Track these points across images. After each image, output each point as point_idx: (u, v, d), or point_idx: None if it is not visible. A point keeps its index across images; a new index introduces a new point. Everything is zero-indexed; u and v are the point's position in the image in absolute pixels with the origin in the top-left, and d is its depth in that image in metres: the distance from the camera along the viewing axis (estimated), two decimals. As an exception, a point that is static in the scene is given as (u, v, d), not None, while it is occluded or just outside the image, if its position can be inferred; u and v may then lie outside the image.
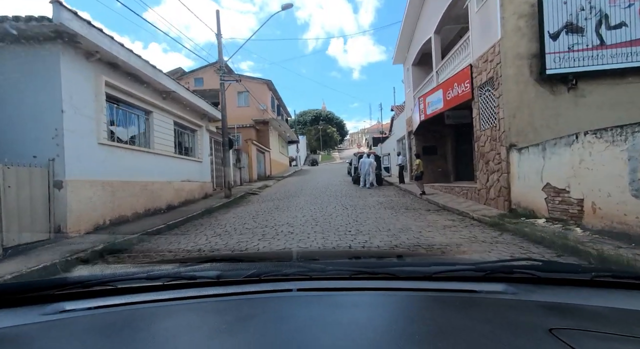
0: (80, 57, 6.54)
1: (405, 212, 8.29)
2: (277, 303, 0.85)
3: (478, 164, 8.54)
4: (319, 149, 66.56)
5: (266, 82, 28.14)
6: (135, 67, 7.82)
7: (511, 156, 6.92)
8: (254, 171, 21.63)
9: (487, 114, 7.92)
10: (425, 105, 10.98)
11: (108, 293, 0.92)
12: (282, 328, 0.71)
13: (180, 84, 10.52)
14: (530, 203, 6.28)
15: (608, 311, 0.80)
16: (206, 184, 12.84)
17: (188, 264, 1.35)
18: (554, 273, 0.99)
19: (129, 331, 0.73)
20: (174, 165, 10.27)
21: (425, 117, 11.11)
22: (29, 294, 0.89)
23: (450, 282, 0.97)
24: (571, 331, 0.67)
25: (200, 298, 0.89)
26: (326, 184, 16.76)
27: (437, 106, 10.18)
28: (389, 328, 0.72)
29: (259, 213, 8.98)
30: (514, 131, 6.96)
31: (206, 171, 13.06)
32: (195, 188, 11.81)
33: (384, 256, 1.81)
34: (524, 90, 6.89)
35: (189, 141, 12.10)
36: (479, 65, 8.02)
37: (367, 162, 15.01)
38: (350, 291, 0.92)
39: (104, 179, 7.05)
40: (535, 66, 6.84)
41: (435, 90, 10.37)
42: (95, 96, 6.92)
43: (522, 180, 6.58)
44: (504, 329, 0.71)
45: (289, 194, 13.49)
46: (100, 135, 6.97)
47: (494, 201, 7.68)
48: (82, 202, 6.36)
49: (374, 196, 11.82)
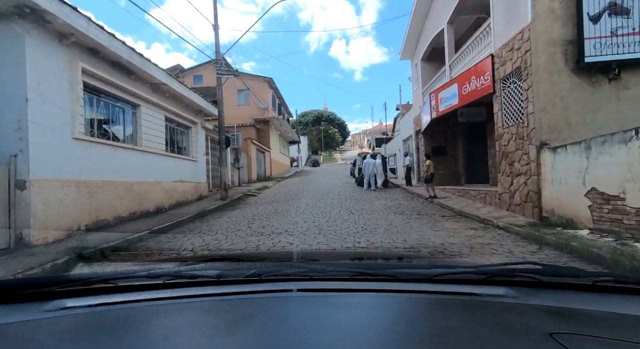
0: (52, 40, 5.72)
1: (418, 218, 7.44)
2: (277, 303, 0.85)
3: (500, 166, 7.68)
4: (320, 150, 66.02)
5: (267, 80, 27.33)
6: (118, 55, 7.00)
7: (542, 156, 6.07)
8: (254, 172, 20.80)
9: (512, 109, 7.07)
10: (437, 101, 10.14)
11: (109, 290, 0.91)
12: (281, 328, 0.71)
13: (173, 76, 9.70)
14: (568, 211, 5.42)
15: (610, 316, 0.79)
16: (201, 184, 12.01)
17: (189, 263, 1.35)
18: (555, 277, 0.99)
19: (130, 329, 0.73)
20: (164, 164, 9.45)
21: (437, 115, 10.27)
22: (30, 290, 0.89)
23: (451, 285, 0.97)
24: (572, 336, 0.67)
25: (200, 297, 0.89)
26: (329, 186, 15.91)
27: (451, 102, 9.34)
28: (389, 330, 0.71)
29: (256, 218, 8.14)
30: (545, 128, 6.11)
31: (201, 170, 12.23)
32: (189, 189, 10.98)
33: (385, 258, 1.76)
34: (558, 81, 6.04)
35: (183, 138, 11.28)
36: (503, 55, 7.17)
37: (370, 163, 14.16)
38: (351, 293, 0.91)
39: (79, 178, 6.22)
40: (571, 54, 6.00)
41: (449, 85, 9.52)
42: (70, 84, 6.09)
43: (556, 184, 5.72)
44: (505, 332, 0.70)
45: (290, 196, 12.65)
46: (76, 128, 6.14)
47: (519, 207, 6.82)
48: (51, 205, 5.53)
49: (380, 199, 10.97)
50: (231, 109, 27.36)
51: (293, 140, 37.49)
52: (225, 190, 11.95)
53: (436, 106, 10.23)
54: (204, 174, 12.48)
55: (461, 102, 8.96)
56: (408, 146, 18.37)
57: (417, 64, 14.22)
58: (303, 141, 48.82)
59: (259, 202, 11.39)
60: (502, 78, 7.27)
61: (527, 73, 6.33)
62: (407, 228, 6.26)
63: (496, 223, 6.18)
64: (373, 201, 10.71)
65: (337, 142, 71.88)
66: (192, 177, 11.30)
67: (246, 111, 26.38)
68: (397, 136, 20.50)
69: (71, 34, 5.87)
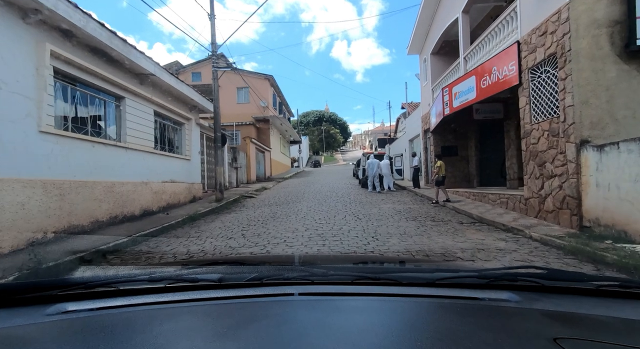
0: (11, 16, 4.90)
1: (434, 225, 6.59)
2: (278, 307, 0.84)
3: (527, 167, 6.82)
4: (321, 151, 65.36)
5: (267, 78, 26.53)
6: (97, 38, 6.17)
7: (584, 156, 5.22)
8: (253, 172, 19.97)
9: (544, 102, 6.22)
10: (451, 96, 9.29)
11: (110, 294, 0.91)
12: (283, 332, 0.70)
13: (163, 67, 8.88)
14: (619, 221, 4.57)
15: (614, 321, 0.78)
16: (195, 185, 11.18)
17: (190, 266, 1.35)
18: (559, 281, 0.98)
19: (131, 333, 0.72)
20: (153, 163, 8.63)
21: (450, 111, 9.42)
22: (31, 294, 0.89)
23: (453, 289, 0.96)
24: (576, 341, 0.67)
25: (201, 301, 0.89)
26: (331, 187, 15.07)
27: (468, 97, 8.49)
28: (391, 334, 0.71)
29: (251, 223, 7.30)
30: (586, 123, 5.26)
31: (195, 170, 11.40)
32: (181, 190, 10.16)
33: (387, 262, 1.74)
34: (602, 68, 5.20)
35: (175, 136, 10.45)
36: (532, 41, 6.32)
37: (374, 163, 13.33)
38: (353, 296, 0.91)
39: (47, 178, 5.40)
40: (618, 36, 5.15)
41: (466, 78, 8.67)
42: (36, 69, 5.27)
43: (602, 189, 4.87)
44: (508, 337, 0.69)
45: (290, 198, 11.82)
46: (43, 121, 5.31)
47: (552, 215, 5.96)
48: (8, 209, 4.70)
49: (387, 203, 10.13)
50: (231, 107, 26.61)
51: (294, 140, 36.65)
52: (220, 191, 11.13)
53: (450, 101, 9.39)
54: (198, 174, 11.65)
55: (479, 97, 8.11)
56: (413, 147, 17.53)
57: (425, 58, 13.36)
58: (304, 141, 47.99)
59: (256, 205, 10.56)
60: (532, 67, 6.42)
61: (564, 60, 5.48)
62: (425, 238, 5.41)
63: (528, 233, 5.32)
64: (380, 204, 9.87)
65: (339, 143, 71.20)
66: (185, 177, 10.48)
67: (246, 110, 25.59)
68: (403, 135, 19.62)
69: (36, 11, 5.05)
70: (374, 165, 13.38)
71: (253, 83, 23.99)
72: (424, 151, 14.03)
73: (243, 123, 24.57)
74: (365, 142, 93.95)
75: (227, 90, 26.80)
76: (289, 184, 17.98)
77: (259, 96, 24.82)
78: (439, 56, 12.66)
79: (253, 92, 24.57)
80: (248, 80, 23.27)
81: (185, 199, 10.44)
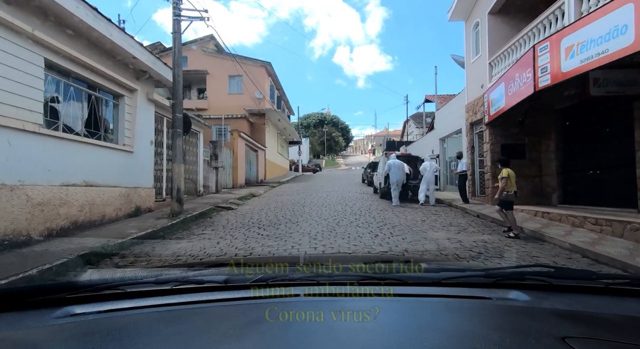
0: None
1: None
2: (284, 308, 0.81)
3: None
4: (322, 154, 62.09)
5: (265, 65, 22.85)
6: None
7: None
8: (240, 174, 16.18)
9: None
10: (556, 55, 5.54)
11: (117, 296, 0.90)
12: (289, 333, 0.70)
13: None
14: None
15: (624, 320, 0.78)
16: (140, 191, 7.40)
17: (196, 268, 1.32)
18: (567, 279, 0.97)
19: (138, 335, 0.72)
20: (39, 151, 4.88)
21: (552, 81, 5.66)
22: (40, 297, 0.88)
23: (460, 288, 0.95)
24: (585, 340, 0.66)
25: (208, 303, 0.88)
26: (340, 197, 11.30)
27: (601, 51, 4.75)
28: (398, 334, 0.70)
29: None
30: None
31: (142, 168, 7.63)
32: (111, 199, 6.38)
33: (392, 261, 1.61)
34: None
35: (105, 113, 6.70)
36: None
37: (399, 165, 9.65)
38: (358, 297, 0.89)
39: None
40: None
41: (594, 19, 4.93)
42: None
43: None
44: (516, 336, 0.69)
45: (284, 213, 8.04)
46: None
47: None
48: None
49: (436, 228, 6.37)
50: (221, 98, 22.85)
51: (294, 140, 32.84)
52: (179, 201, 7.34)
53: (553, 64, 5.61)
54: (148, 175, 7.87)
55: (631, 50, 4.36)
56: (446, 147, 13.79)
57: (478, 22, 9.68)
58: (304, 144, 44.21)
59: (230, 225, 6.79)
60: None
61: None
62: None
63: None
64: (426, 230, 6.12)
65: (341, 147, 68.06)
66: (120, 178, 6.70)
67: (239, 101, 21.90)
68: (430, 134, 15.82)
69: None
70: (397, 168, 9.66)
71: (248, 71, 20.30)
72: (469, 151, 10.28)
73: (234, 116, 20.87)
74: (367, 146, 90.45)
75: (216, 78, 23.09)
76: (285, 191, 14.20)
77: (254, 84, 21.11)
78: (502, 17, 8.94)
79: (247, 80, 20.87)
80: (242, 67, 19.61)
81: (120, 212, 6.66)
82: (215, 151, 12.63)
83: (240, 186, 15.79)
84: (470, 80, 10.30)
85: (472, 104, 10.11)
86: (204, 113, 21.71)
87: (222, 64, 21.62)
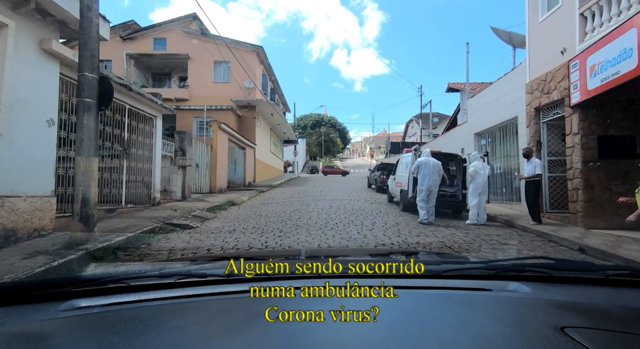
0: None
1: None
2: (285, 301, 0.82)
3: None
4: (319, 156, 59.25)
5: (256, 50, 19.81)
6: None
7: None
8: (221, 175, 13.05)
9: None
10: None
11: (121, 290, 0.90)
12: (291, 326, 0.69)
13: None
14: None
15: (623, 311, 0.78)
16: (14, 202, 4.29)
17: (198, 262, 1.33)
18: (567, 271, 0.97)
19: (142, 328, 0.71)
20: None
21: None
22: (46, 291, 0.89)
23: (460, 280, 0.95)
24: (585, 330, 0.65)
25: (210, 296, 0.88)
26: (347, 207, 8.25)
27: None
28: (399, 326, 0.70)
29: None
30: None
31: (26, 163, 4.54)
32: None
33: (393, 254, 1.69)
34: None
35: None
36: None
37: (433, 164, 6.81)
38: (358, 289, 0.87)
39: None
40: None
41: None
42: None
43: None
44: (516, 327, 0.68)
45: (265, 238, 4.96)
46: None
47: None
48: None
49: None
50: (204, 87, 19.59)
51: (289, 139, 29.74)
52: (85, 220, 4.26)
53: None
54: (37, 174, 4.77)
55: None
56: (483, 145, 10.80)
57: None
58: (301, 144, 41.13)
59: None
60: None
61: None
62: None
63: None
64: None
65: (338, 148, 65.45)
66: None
67: (225, 91, 18.81)
68: (459, 128, 12.74)
69: None
70: (431, 169, 6.74)
71: (237, 56, 17.24)
72: (536, 147, 7.28)
73: (218, 107, 17.80)
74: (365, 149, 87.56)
75: (201, 63, 19.91)
76: (275, 198, 11.11)
77: (246, 72, 17.99)
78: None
79: (236, 68, 17.81)
80: (230, 52, 16.57)
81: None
82: (183, 144, 9.52)
83: (220, 190, 12.68)
84: (537, 47, 7.33)
85: (539, 81, 7.14)
86: (185, 104, 18.55)
87: (206, 48, 18.49)
